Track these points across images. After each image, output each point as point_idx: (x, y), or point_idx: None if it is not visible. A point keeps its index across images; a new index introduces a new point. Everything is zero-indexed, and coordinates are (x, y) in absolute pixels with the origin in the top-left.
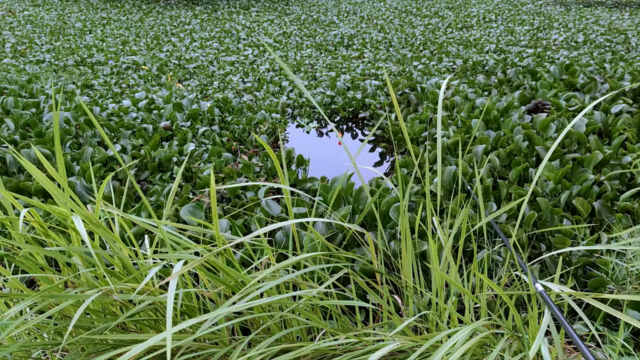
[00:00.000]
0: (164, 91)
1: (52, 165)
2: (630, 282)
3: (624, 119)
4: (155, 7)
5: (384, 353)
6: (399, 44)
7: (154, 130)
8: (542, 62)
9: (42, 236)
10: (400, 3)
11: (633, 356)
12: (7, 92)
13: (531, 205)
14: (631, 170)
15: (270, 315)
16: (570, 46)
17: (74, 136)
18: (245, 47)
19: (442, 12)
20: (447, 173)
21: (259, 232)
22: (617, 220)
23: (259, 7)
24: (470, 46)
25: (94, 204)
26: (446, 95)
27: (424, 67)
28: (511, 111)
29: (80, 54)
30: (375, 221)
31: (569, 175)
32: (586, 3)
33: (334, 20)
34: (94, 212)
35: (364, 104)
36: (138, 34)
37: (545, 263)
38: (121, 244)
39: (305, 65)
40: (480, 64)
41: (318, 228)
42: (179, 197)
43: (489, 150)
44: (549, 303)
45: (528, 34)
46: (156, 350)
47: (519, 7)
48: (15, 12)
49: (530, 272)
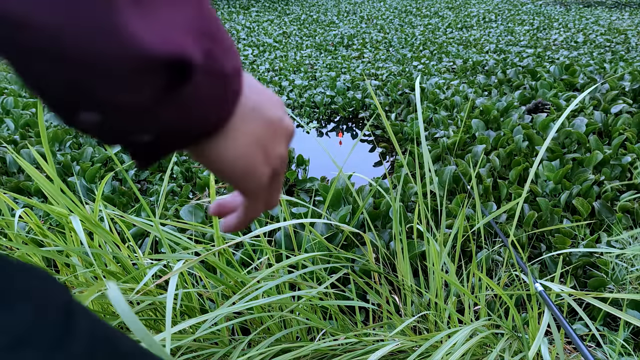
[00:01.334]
0: None
1: (50, 165)
2: (630, 282)
3: (624, 119)
4: None
5: (383, 353)
6: (399, 44)
7: None
8: (542, 62)
9: (40, 236)
10: (400, 3)
11: (633, 356)
12: (7, 92)
13: (531, 205)
14: (634, 177)
15: (270, 315)
16: (570, 46)
17: (74, 136)
18: (245, 47)
19: (442, 12)
20: (447, 173)
21: (258, 232)
22: (617, 221)
23: (259, 7)
24: (470, 46)
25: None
26: (446, 95)
27: (424, 67)
28: (511, 111)
29: None
30: (377, 221)
31: (569, 175)
32: (586, 3)
33: (334, 20)
34: (92, 212)
35: (364, 104)
36: None
37: (545, 263)
38: (120, 243)
39: (305, 65)
40: (480, 64)
41: (318, 228)
42: (179, 197)
43: (489, 150)
44: (548, 303)
45: (528, 34)
46: None
47: (518, 7)
48: None
49: (530, 272)
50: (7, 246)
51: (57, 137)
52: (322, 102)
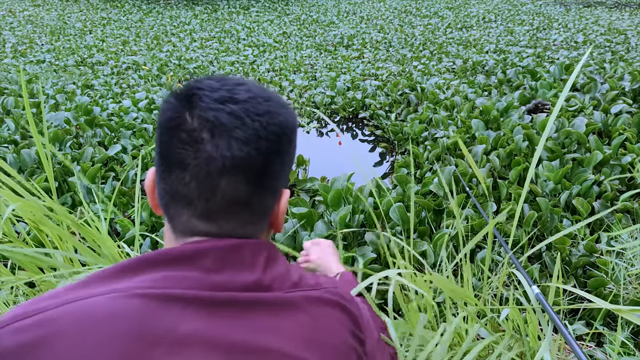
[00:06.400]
0: (164, 91)
1: (52, 166)
2: (630, 282)
3: (624, 119)
4: (155, 7)
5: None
6: (399, 44)
7: (154, 131)
8: (542, 62)
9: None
10: (399, 3)
11: (633, 356)
12: (8, 92)
13: (531, 205)
14: (633, 174)
15: None
16: (570, 46)
17: (74, 136)
18: (245, 47)
19: (441, 12)
20: (447, 173)
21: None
22: (617, 221)
23: (259, 7)
24: (470, 46)
25: (94, 204)
26: (446, 95)
27: (424, 67)
28: (511, 111)
29: (80, 54)
30: (378, 220)
31: (569, 175)
32: (586, 3)
33: (334, 21)
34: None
35: (364, 104)
36: (138, 34)
37: (545, 263)
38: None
39: (305, 65)
40: (480, 64)
41: (318, 228)
42: None
43: (489, 150)
44: (545, 306)
45: (528, 34)
46: None
47: (518, 7)
48: (15, 12)
49: (526, 274)
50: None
51: (58, 137)
52: (322, 102)
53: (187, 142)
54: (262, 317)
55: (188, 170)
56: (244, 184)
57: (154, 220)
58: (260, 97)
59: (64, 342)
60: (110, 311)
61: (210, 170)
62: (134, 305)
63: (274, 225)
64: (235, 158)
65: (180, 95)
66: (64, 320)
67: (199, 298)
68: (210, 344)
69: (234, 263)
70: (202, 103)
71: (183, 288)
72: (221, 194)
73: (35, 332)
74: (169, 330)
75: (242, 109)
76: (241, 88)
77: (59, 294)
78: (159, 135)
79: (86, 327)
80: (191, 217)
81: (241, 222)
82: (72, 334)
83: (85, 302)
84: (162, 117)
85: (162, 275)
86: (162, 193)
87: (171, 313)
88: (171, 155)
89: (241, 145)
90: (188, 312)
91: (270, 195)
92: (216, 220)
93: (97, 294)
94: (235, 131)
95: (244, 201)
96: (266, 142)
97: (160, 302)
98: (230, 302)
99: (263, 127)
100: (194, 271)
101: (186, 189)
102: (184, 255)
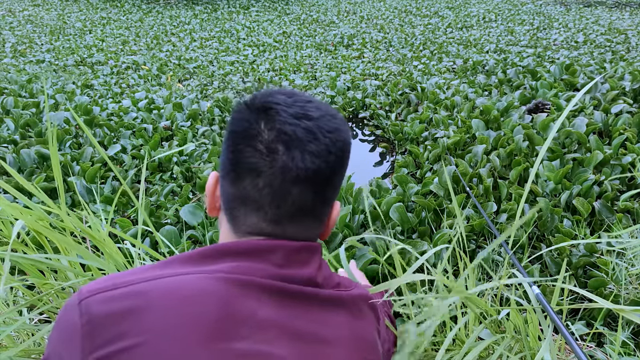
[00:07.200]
0: (164, 91)
1: (49, 166)
2: (631, 282)
3: (624, 119)
4: (155, 7)
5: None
6: (399, 43)
7: (154, 130)
8: (542, 62)
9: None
10: (400, 3)
11: (634, 356)
12: (7, 92)
13: (531, 205)
14: (634, 174)
15: None
16: (570, 46)
17: (74, 136)
18: (245, 46)
19: (441, 12)
20: (447, 173)
21: None
22: (617, 220)
23: (259, 6)
24: (470, 46)
25: (94, 204)
26: (446, 95)
27: (424, 67)
28: (511, 111)
29: (80, 54)
30: (377, 220)
31: (569, 175)
32: (586, 3)
33: (334, 20)
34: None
35: (364, 104)
36: (138, 33)
37: (546, 263)
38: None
39: (305, 65)
40: (480, 64)
41: None
42: (179, 197)
43: (489, 150)
44: (545, 306)
45: (528, 33)
46: None
47: (518, 7)
48: (15, 12)
49: (526, 273)
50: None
51: (57, 137)
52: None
53: (262, 152)
54: (317, 310)
55: (262, 177)
56: (311, 194)
57: (154, 221)
58: (328, 115)
59: (153, 314)
60: (201, 288)
61: (285, 179)
62: (221, 286)
63: (324, 232)
64: (309, 170)
65: (253, 107)
66: (154, 294)
67: (273, 287)
68: (281, 329)
69: (297, 261)
70: (279, 117)
71: (259, 277)
72: (291, 201)
73: (124, 302)
74: (252, 312)
75: (315, 125)
76: (311, 105)
77: (141, 271)
78: (232, 143)
79: (176, 300)
80: (260, 221)
81: (303, 227)
82: (162, 306)
83: (174, 279)
84: (236, 127)
85: (236, 264)
86: (230, 197)
87: (250, 298)
88: (244, 162)
89: (314, 158)
90: (263, 298)
91: (328, 205)
92: (283, 224)
93: (184, 272)
94: (309, 145)
95: (309, 209)
96: (334, 156)
97: (240, 286)
98: (297, 293)
99: (332, 142)
100: (263, 263)
101: (258, 194)
102: (254, 250)
